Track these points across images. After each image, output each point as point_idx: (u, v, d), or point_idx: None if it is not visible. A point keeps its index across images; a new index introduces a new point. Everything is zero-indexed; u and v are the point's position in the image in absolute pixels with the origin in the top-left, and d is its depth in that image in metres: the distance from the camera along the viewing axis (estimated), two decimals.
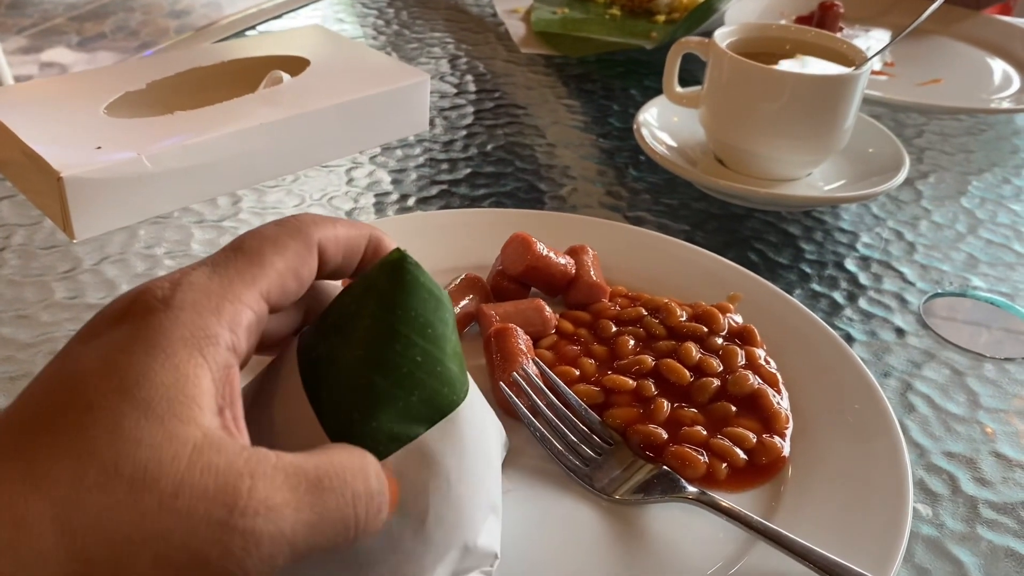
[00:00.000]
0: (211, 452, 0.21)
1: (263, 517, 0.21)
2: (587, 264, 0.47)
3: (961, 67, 0.83)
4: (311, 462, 0.23)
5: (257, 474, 0.21)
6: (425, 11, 0.91)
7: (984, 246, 0.57)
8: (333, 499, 0.23)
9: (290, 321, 0.30)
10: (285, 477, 0.22)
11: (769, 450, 0.38)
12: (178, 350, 0.22)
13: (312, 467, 0.23)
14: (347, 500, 0.23)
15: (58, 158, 0.46)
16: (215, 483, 0.20)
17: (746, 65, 0.56)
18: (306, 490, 0.22)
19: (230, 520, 0.20)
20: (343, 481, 0.23)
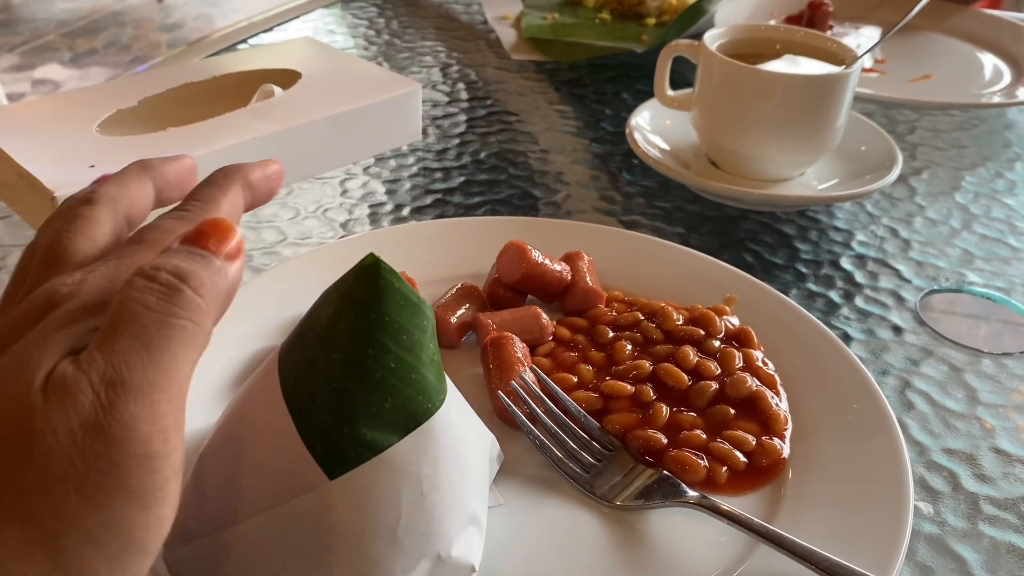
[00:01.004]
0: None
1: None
2: (582, 270, 0.47)
3: (951, 62, 0.84)
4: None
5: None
6: (415, 20, 0.92)
7: (979, 241, 0.57)
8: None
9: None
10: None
11: (769, 452, 0.38)
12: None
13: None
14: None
15: (51, 178, 0.46)
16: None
17: (736, 67, 0.56)
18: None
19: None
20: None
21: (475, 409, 0.34)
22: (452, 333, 0.44)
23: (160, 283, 0.24)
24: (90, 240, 0.27)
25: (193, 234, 0.25)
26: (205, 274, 0.25)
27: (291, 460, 0.28)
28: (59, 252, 0.27)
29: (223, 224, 0.26)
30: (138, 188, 0.30)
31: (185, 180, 0.32)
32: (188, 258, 0.25)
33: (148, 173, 0.30)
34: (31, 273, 0.27)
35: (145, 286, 0.23)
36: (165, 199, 0.31)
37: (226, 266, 0.25)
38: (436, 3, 0.97)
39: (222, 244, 0.25)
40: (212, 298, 0.25)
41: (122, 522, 0.22)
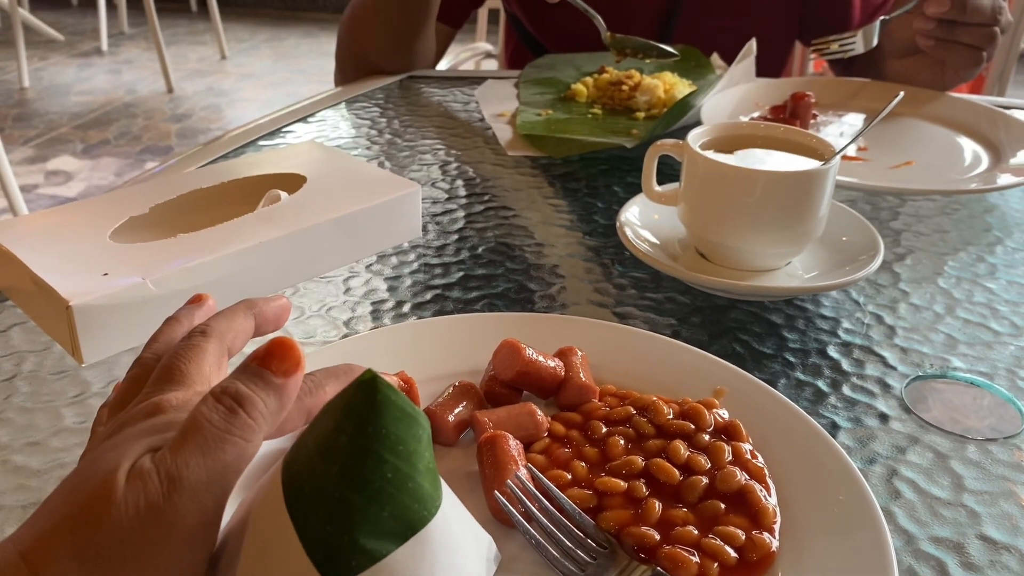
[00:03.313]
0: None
1: None
2: (576, 365, 0.48)
3: (932, 148, 0.87)
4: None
5: None
6: (415, 119, 0.95)
7: (962, 326, 0.59)
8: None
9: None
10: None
11: (759, 547, 0.39)
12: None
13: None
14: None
15: (66, 286, 0.49)
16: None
17: (719, 164, 0.59)
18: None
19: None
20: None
21: (472, 508, 0.36)
22: (450, 431, 0.45)
23: (223, 405, 0.30)
24: (199, 367, 0.34)
25: (261, 353, 0.32)
26: (260, 397, 0.31)
27: (294, 569, 0.29)
28: (174, 373, 0.34)
29: (285, 344, 0.32)
30: (243, 324, 0.38)
31: (280, 316, 0.40)
32: (250, 380, 0.31)
33: (252, 311, 0.38)
34: (148, 384, 0.34)
35: (212, 405, 0.30)
36: (262, 332, 0.39)
37: (283, 384, 0.31)
38: (435, 102, 1.02)
39: (283, 363, 0.32)
40: (263, 419, 0.31)
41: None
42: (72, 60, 3.96)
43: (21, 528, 0.29)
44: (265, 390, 0.31)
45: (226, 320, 0.37)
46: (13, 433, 0.47)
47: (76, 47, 4.14)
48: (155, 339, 0.38)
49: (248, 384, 0.31)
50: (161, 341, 0.38)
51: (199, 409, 0.30)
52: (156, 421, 0.31)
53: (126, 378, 0.36)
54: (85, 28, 4.36)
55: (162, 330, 0.39)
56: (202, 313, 0.40)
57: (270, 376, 0.31)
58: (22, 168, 2.79)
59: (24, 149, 2.97)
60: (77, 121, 3.24)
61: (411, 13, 1.04)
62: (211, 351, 0.35)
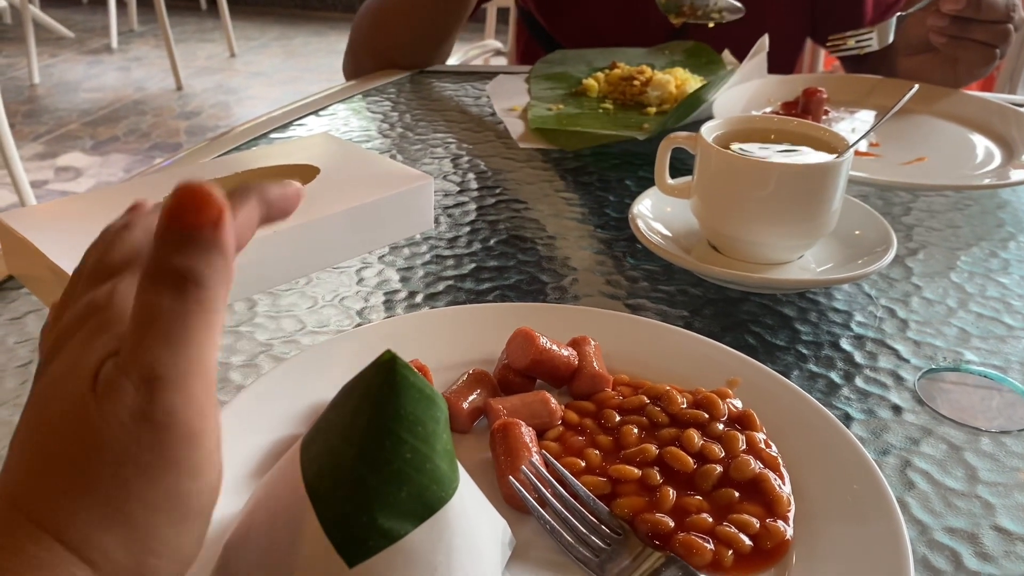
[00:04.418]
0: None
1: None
2: (589, 355, 0.49)
3: (944, 144, 0.87)
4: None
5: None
6: (427, 113, 0.96)
7: (975, 320, 0.59)
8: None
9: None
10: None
11: (773, 535, 0.39)
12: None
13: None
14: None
15: None
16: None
17: (732, 157, 0.59)
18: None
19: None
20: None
21: (486, 494, 0.36)
22: (464, 418, 0.45)
23: (165, 286, 0.25)
24: (112, 257, 0.30)
25: (173, 212, 0.25)
26: (200, 261, 0.25)
27: (313, 549, 0.29)
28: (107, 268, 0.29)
29: (194, 192, 0.25)
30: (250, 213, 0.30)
31: (290, 203, 0.33)
32: (179, 249, 0.25)
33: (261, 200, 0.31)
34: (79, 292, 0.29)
35: (155, 291, 0.25)
36: (267, 222, 0.32)
37: (214, 237, 0.25)
38: (447, 96, 1.02)
39: (202, 214, 0.25)
40: (215, 280, 0.26)
41: (178, 492, 0.25)
42: (82, 57, 3.97)
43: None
44: (199, 252, 0.25)
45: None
46: None
47: (86, 44, 4.15)
48: (100, 250, 0.31)
49: (180, 254, 0.25)
50: (102, 254, 0.31)
51: (143, 299, 0.25)
52: (96, 321, 0.27)
53: (62, 295, 0.31)
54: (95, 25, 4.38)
55: (107, 241, 0.31)
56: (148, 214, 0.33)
57: (198, 235, 0.25)
58: (32, 164, 2.80)
59: (34, 145, 2.98)
60: (87, 118, 3.25)
61: (450, 13, 1.04)
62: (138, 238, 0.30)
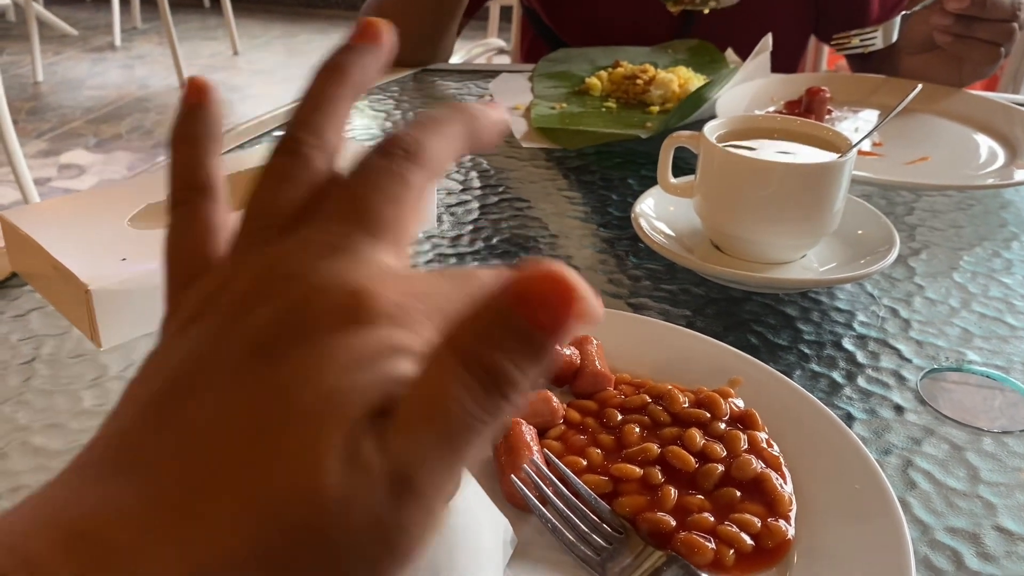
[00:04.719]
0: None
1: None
2: (591, 354, 0.49)
3: (947, 144, 0.86)
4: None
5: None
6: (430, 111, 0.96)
7: (978, 320, 0.59)
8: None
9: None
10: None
11: (774, 534, 0.39)
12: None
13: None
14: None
15: (85, 271, 0.49)
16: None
17: (735, 157, 0.59)
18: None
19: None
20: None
21: (487, 492, 0.36)
22: None
23: (481, 385, 0.20)
24: (404, 217, 0.24)
25: (528, 300, 0.20)
26: (526, 374, 0.20)
27: None
28: (373, 217, 0.23)
29: (568, 288, 0.20)
30: (453, 147, 0.26)
31: (494, 137, 0.28)
32: (519, 351, 0.20)
33: (466, 127, 0.27)
34: (323, 210, 0.24)
35: (468, 383, 0.20)
36: (464, 154, 0.28)
37: (548, 346, 0.20)
38: (450, 95, 1.02)
39: (558, 316, 0.20)
40: (520, 394, 0.20)
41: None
42: (85, 55, 3.98)
43: (170, 529, 0.19)
44: (533, 361, 0.20)
45: (440, 140, 0.26)
46: (32, 415, 0.48)
47: (89, 42, 4.16)
48: (314, 102, 0.26)
49: (516, 357, 0.20)
50: (323, 112, 0.26)
51: (448, 387, 0.20)
52: (373, 342, 0.21)
53: (273, 163, 0.25)
54: (98, 23, 4.38)
55: (323, 91, 0.26)
56: (373, 61, 0.28)
57: (539, 339, 0.20)
58: (36, 161, 2.80)
59: (37, 142, 2.98)
60: (90, 115, 3.26)
61: (444, 11, 1.04)
62: (418, 189, 0.24)
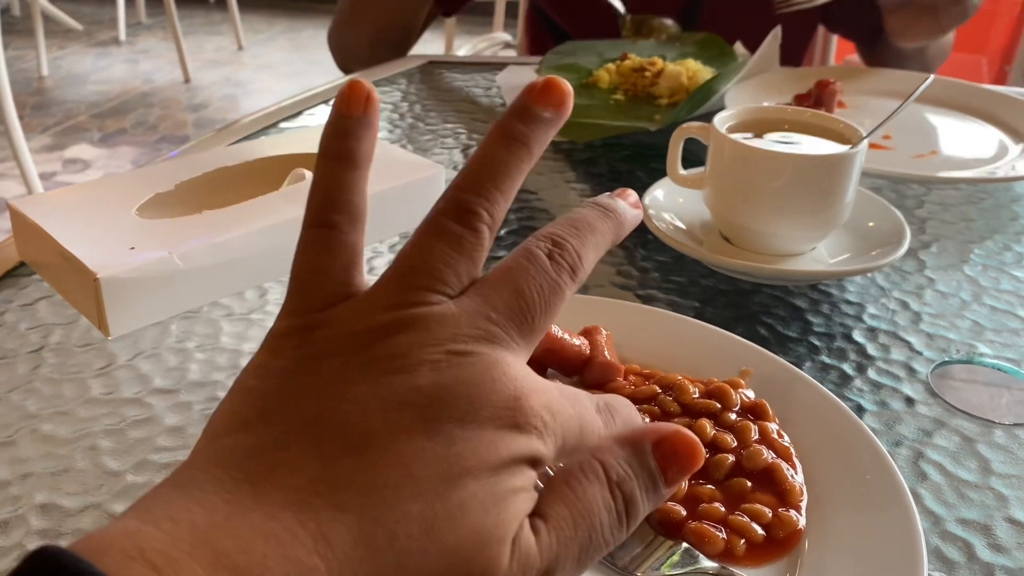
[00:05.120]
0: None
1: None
2: (600, 344, 0.48)
3: (957, 137, 0.86)
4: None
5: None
6: (437, 103, 0.95)
7: (989, 313, 0.59)
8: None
9: None
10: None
11: (785, 524, 0.39)
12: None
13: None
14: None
15: (94, 259, 0.49)
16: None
17: (746, 148, 0.59)
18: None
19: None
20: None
21: None
22: None
23: (618, 507, 0.25)
24: (552, 320, 0.27)
25: (665, 450, 0.25)
26: (646, 512, 0.25)
27: None
28: (529, 320, 0.26)
29: (694, 453, 0.26)
30: (603, 244, 0.29)
31: (634, 224, 0.31)
32: (649, 488, 0.25)
33: (614, 221, 0.29)
34: (484, 299, 0.25)
35: (607, 504, 0.24)
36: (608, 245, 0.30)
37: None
38: (457, 87, 1.02)
39: (678, 478, 0.26)
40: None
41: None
42: (90, 49, 3.98)
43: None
44: (654, 498, 0.25)
45: (595, 253, 0.28)
46: (41, 403, 0.48)
47: (94, 37, 4.16)
48: (491, 171, 0.27)
49: (648, 493, 0.25)
50: (499, 187, 0.26)
51: (593, 503, 0.24)
52: (527, 449, 0.24)
53: (450, 226, 0.26)
54: (103, 18, 4.38)
55: (503, 161, 0.27)
56: (553, 132, 0.28)
57: (663, 487, 0.26)
58: (40, 156, 2.80)
59: (42, 137, 2.99)
60: (95, 110, 3.26)
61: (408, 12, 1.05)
62: (569, 295, 0.27)
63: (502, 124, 0.28)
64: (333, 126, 0.28)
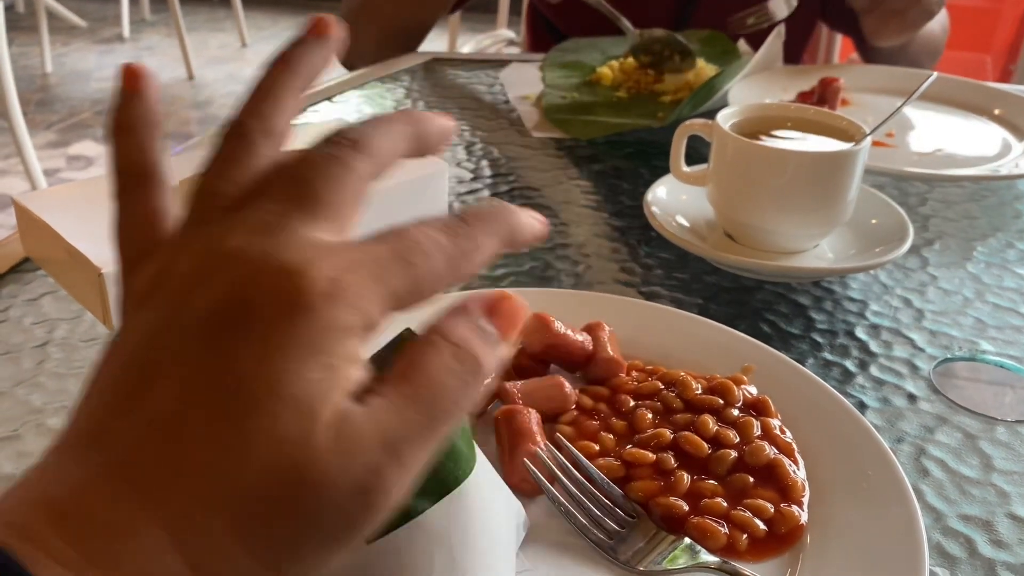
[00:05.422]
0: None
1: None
2: (603, 340, 0.49)
3: (960, 135, 0.86)
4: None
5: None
6: (441, 100, 0.96)
7: (991, 311, 0.59)
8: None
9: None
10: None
11: (787, 520, 0.39)
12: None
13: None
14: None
15: (98, 255, 0.49)
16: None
17: (749, 144, 0.59)
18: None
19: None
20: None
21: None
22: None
23: (463, 366, 0.23)
24: (346, 203, 0.25)
25: (492, 310, 0.25)
26: (491, 365, 0.24)
27: None
28: (315, 199, 0.24)
29: (519, 310, 0.25)
30: (399, 146, 0.27)
31: (444, 141, 0.29)
32: (485, 342, 0.24)
33: (413, 128, 0.28)
34: (267, 191, 0.25)
35: (451, 365, 0.23)
36: (412, 156, 0.28)
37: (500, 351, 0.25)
38: (460, 84, 1.02)
39: (510, 332, 0.25)
40: (486, 376, 0.24)
41: (332, 559, 0.22)
42: (94, 46, 3.98)
43: (134, 474, 0.21)
44: (492, 356, 0.24)
45: (385, 136, 0.27)
46: (46, 397, 0.48)
47: (98, 33, 4.16)
48: (262, 92, 0.27)
49: (484, 346, 0.24)
50: (270, 101, 0.27)
51: (435, 361, 0.23)
52: (317, 328, 0.22)
53: (221, 147, 0.26)
54: (107, 15, 4.39)
55: (272, 82, 0.27)
56: (320, 55, 0.29)
57: (497, 342, 0.25)
58: (44, 152, 2.81)
59: (46, 134, 2.99)
60: (99, 107, 3.26)
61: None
62: (360, 175, 0.25)
63: (272, 56, 0.29)
64: (114, 104, 0.29)
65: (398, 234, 0.24)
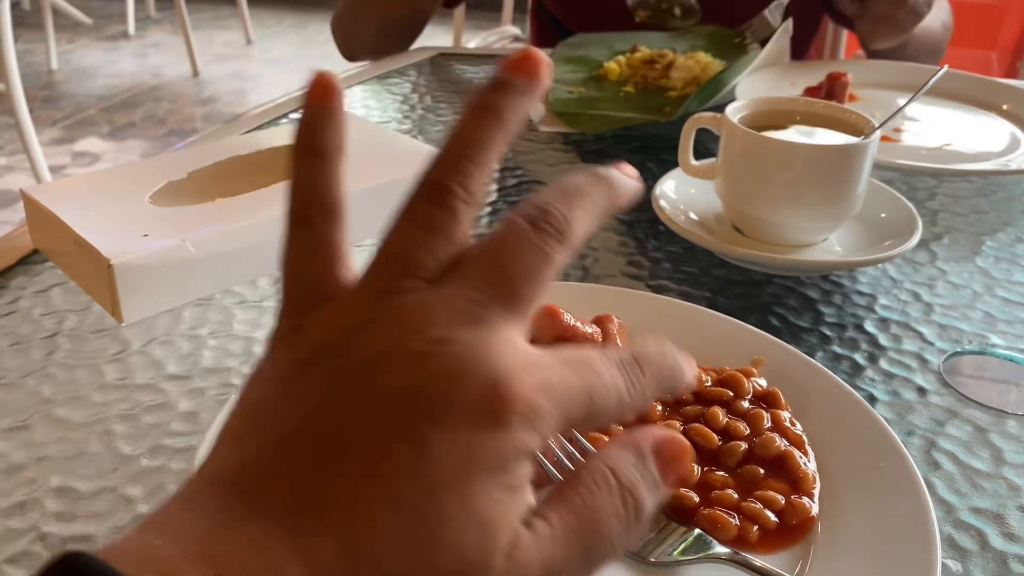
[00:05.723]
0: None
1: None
2: (613, 333, 0.48)
3: (969, 130, 0.86)
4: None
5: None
6: (447, 95, 0.95)
7: (1001, 304, 0.58)
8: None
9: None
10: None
11: (798, 511, 0.39)
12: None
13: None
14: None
15: (108, 246, 0.49)
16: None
17: (758, 138, 0.59)
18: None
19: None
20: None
21: None
22: None
23: (627, 511, 0.24)
24: (541, 295, 0.25)
25: (658, 451, 0.25)
26: (651, 512, 0.24)
27: None
28: (518, 297, 0.24)
29: (682, 455, 0.25)
30: (596, 211, 0.27)
31: (629, 197, 0.28)
32: (651, 490, 0.24)
33: (606, 192, 0.27)
34: (467, 278, 0.24)
35: (618, 510, 0.24)
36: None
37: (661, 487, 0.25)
38: (467, 78, 1.02)
39: (670, 477, 0.25)
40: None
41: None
42: (99, 43, 3.99)
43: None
44: (656, 497, 0.25)
45: (586, 218, 0.26)
46: (55, 387, 0.48)
47: (103, 30, 4.16)
48: (464, 147, 0.26)
49: (648, 491, 0.24)
50: (473, 160, 0.26)
51: (604, 501, 0.24)
52: (509, 448, 0.22)
53: (420, 209, 0.25)
54: (112, 12, 4.39)
55: (474, 135, 0.26)
56: (529, 101, 0.27)
57: (659, 489, 0.25)
58: (50, 149, 2.81)
59: (52, 130, 3.00)
60: (104, 104, 3.26)
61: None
62: (558, 268, 0.25)
63: (475, 97, 0.27)
64: (303, 121, 0.27)
65: (586, 363, 0.24)
